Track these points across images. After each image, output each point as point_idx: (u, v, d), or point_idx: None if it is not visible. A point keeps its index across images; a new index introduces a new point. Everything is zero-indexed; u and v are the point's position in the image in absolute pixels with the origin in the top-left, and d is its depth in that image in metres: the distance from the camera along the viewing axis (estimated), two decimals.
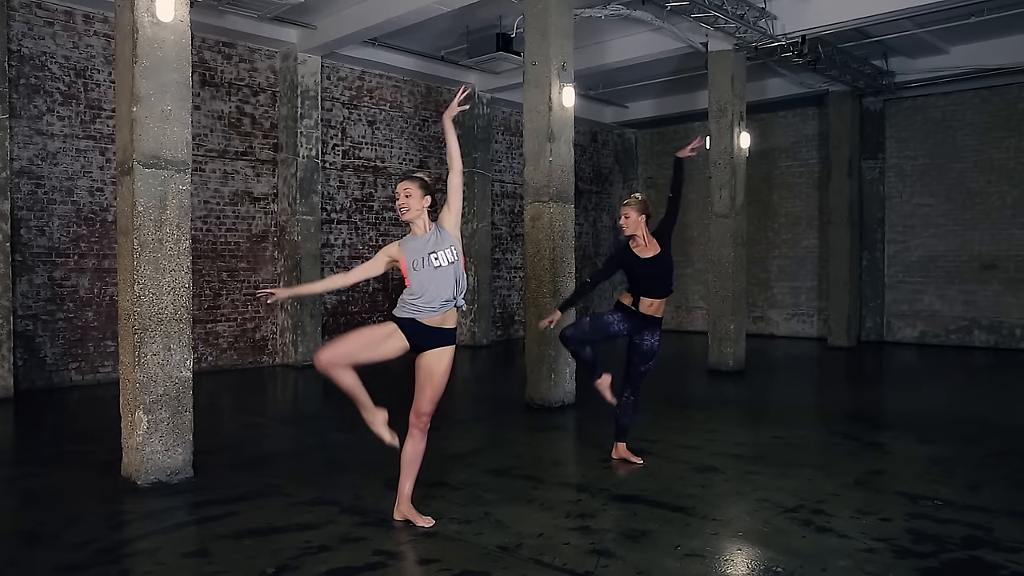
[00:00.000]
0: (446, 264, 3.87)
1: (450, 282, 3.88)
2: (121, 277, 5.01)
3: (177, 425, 4.93)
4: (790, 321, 14.53)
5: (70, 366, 8.76)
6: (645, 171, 16.70)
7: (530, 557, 3.61)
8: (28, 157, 8.42)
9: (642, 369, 5.27)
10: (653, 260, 5.15)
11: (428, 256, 3.86)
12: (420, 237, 3.95)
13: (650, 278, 5.15)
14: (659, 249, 5.17)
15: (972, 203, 12.49)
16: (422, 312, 3.87)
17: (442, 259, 3.87)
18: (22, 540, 3.95)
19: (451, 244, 3.92)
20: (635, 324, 5.20)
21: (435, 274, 3.86)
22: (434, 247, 3.89)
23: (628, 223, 5.14)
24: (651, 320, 5.20)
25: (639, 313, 5.17)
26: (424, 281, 3.85)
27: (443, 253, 3.88)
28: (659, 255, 5.16)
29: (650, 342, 5.23)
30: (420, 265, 3.86)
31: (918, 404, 7.74)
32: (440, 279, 3.86)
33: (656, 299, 5.17)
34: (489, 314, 13.37)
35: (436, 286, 3.85)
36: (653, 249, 5.18)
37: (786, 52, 9.84)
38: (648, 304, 5.16)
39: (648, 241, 5.19)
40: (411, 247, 3.93)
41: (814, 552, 3.66)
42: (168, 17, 4.88)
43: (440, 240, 3.92)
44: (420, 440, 4.02)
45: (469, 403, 8.18)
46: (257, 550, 3.72)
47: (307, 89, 10.59)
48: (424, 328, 3.90)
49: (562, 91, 7.51)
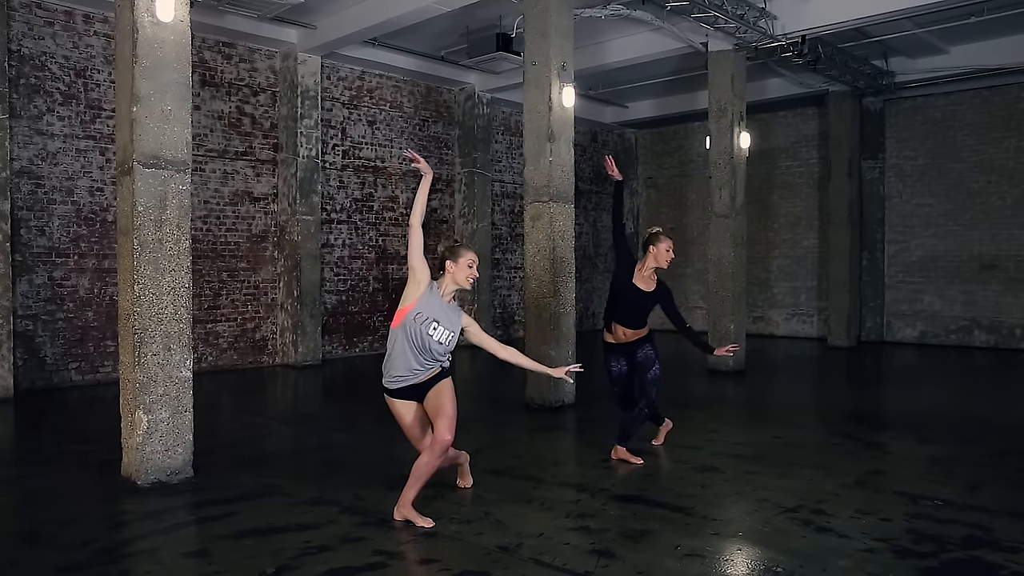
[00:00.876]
0: (436, 340, 4.00)
1: (434, 351, 4.03)
2: (121, 277, 5.01)
3: (177, 425, 4.93)
4: (790, 321, 14.53)
5: (70, 366, 8.76)
6: (645, 171, 16.70)
7: (530, 557, 3.61)
8: (28, 157, 8.42)
9: (648, 377, 5.33)
10: (642, 293, 5.33)
11: (431, 320, 3.99)
12: (441, 299, 4.09)
13: (630, 306, 5.35)
14: (654, 288, 5.35)
15: (972, 203, 12.49)
16: (411, 377, 4.07)
17: (440, 335, 4.01)
18: (22, 540, 3.95)
19: (455, 332, 4.07)
20: (627, 354, 5.41)
21: (426, 339, 3.98)
22: (442, 319, 4.01)
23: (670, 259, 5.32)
24: (636, 342, 5.38)
25: (618, 344, 5.40)
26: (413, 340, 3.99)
27: (444, 331, 4.01)
28: (651, 293, 5.34)
29: (643, 353, 5.36)
30: (421, 320, 3.98)
31: (918, 404, 7.74)
32: (429, 346, 4.00)
33: (628, 329, 5.37)
34: (489, 314, 13.37)
35: (423, 349, 4.00)
36: (650, 285, 5.35)
37: (786, 52, 9.84)
38: (622, 332, 5.37)
39: (651, 277, 5.37)
40: (430, 300, 4.04)
41: (814, 552, 3.66)
42: (168, 17, 4.88)
43: (453, 320, 4.07)
44: (437, 457, 4.03)
45: (469, 403, 8.17)
46: (257, 550, 3.72)
47: (307, 89, 10.59)
48: (419, 386, 4.11)
49: (562, 91, 7.51)
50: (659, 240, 5.31)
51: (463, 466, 4.74)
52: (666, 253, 5.28)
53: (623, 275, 5.37)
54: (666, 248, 5.28)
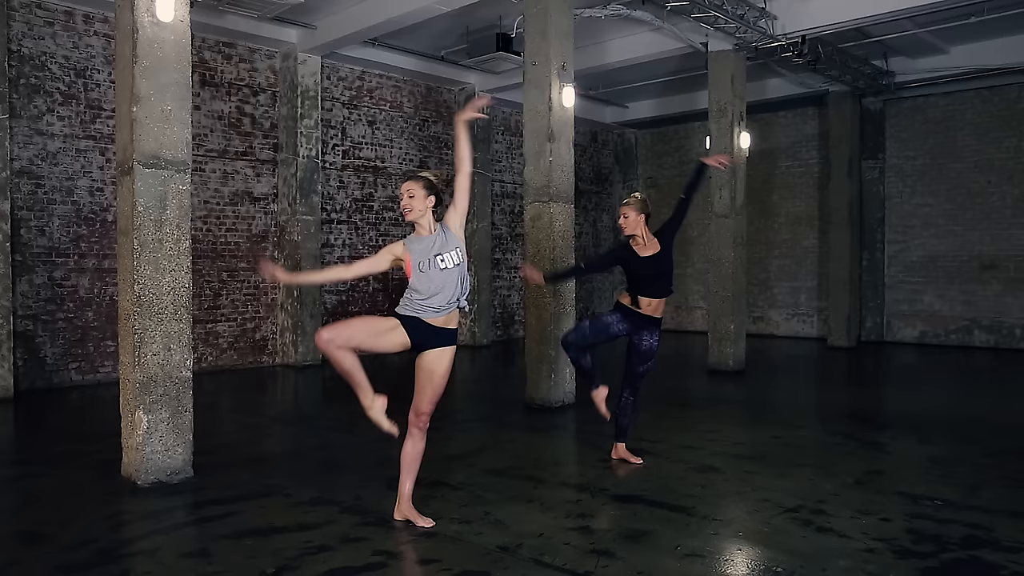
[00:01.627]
0: (451, 266, 3.84)
1: (455, 284, 3.86)
2: (121, 277, 5.01)
3: (177, 425, 4.93)
4: (790, 321, 14.53)
5: (70, 366, 8.76)
6: (645, 171, 16.70)
7: (530, 557, 3.61)
8: (28, 157, 8.42)
9: (640, 370, 5.24)
10: (652, 259, 5.11)
11: (434, 258, 3.84)
12: (426, 238, 3.91)
13: (648, 277, 5.11)
14: (659, 248, 5.14)
15: (972, 203, 12.49)
16: (426, 312, 3.85)
17: (448, 261, 3.84)
18: (22, 540, 3.95)
19: (456, 246, 3.90)
20: (634, 324, 5.17)
21: (441, 276, 3.83)
22: (440, 248, 3.87)
23: (627, 223, 5.11)
24: (650, 320, 5.16)
25: (638, 313, 5.14)
26: (430, 282, 3.83)
27: (449, 255, 3.85)
28: (658, 254, 5.12)
29: (649, 342, 5.19)
30: (427, 267, 3.84)
31: (918, 404, 7.74)
32: (446, 280, 3.83)
33: (655, 299, 5.13)
34: (489, 314, 13.37)
35: (441, 288, 3.84)
36: (653, 248, 5.14)
37: (786, 52, 9.84)
38: (647, 304, 5.12)
39: (648, 240, 5.16)
40: (417, 248, 3.89)
41: (814, 552, 3.66)
42: (168, 17, 4.88)
43: (446, 241, 3.89)
44: (420, 440, 4.02)
45: (469, 403, 8.18)
46: (257, 550, 3.72)
47: (307, 89, 10.59)
48: (427, 327, 3.88)
49: (562, 91, 7.50)
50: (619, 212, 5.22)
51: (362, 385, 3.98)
52: (621, 222, 5.14)
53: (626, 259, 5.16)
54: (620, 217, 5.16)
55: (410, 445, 4.01)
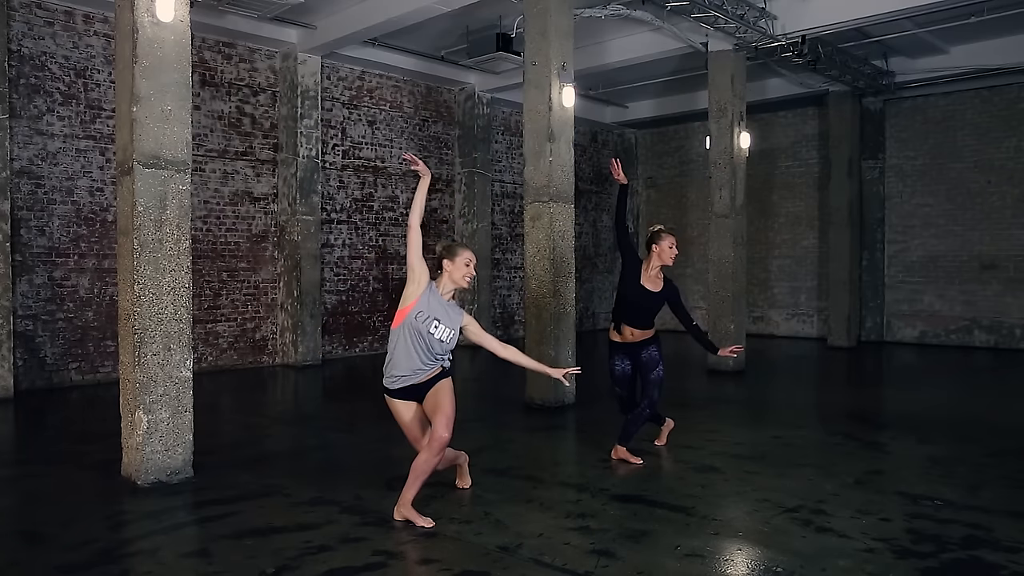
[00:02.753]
0: (437, 339, 4.02)
1: (434, 349, 4.05)
2: (121, 277, 5.01)
3: (177, 425, 4.93)
4: (790, 321, 14.53)
5: (70, 366, 8.76)
6: (645, 171, 16.70)
7: (530, 557, 3.61)
8: (28, 157, 8.42)
9: (651, 377, 5.32)
10: (648, 293, 5.27)
11: (432, 319, 4.00)
12: (442, 300, 4.10)
13: (634, 305, 5.30)
14: (660, 288, 5.29)
15: (972, 203, 12.49)
16: (413, 377, 4.07)
17: (441, 333, 4.02)
18: (22, 540, 3.95)
19: (455, 330, 4.08)
20: (630, 354, 5.38)
21: (427, 337, 4.00)
22: (443, 318, 4.03)
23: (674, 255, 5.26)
24: (640, 344, 5.34)
25: (626, 344, 5.34)
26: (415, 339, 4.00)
27: (445, 329, 4.03)
28: (656, 294, 5.28)
29: (648, 354, 5.34)
30: (422, 319, 3.99)
31: (918, 404, 7.73)
32: (430, 344, 4.02)
33: (636, 329, 5.32)
34: (489, 314, 13.36)
35: (425, 348, 4.02)
36: (656, 285, 5.29)
37: (786, 52, 9.84)
38: (629, 332, 5.33)
39: (658, 276, 5.32)
40: (429, 299, 4.05)
41: (814, 552, 3.66)
42: (168, 17, 4.88)
43: (453, 319, 4.08)
44: (436, 455, 4.02)
45: (469, 403, 8.17)
46: (257, 550, 3.72)
47: (307, 89, 10.59)
48: (419, 385, 4.11)
49: (562, 91, 7.50)
50: (661, 238, 5.27)
51: (462, 466, 4.74)
52: (669, 250, 5.24)
53: (630, 277, 5.31)
54: (669, 245, 5.25)
55: (424, 457, 4.03)
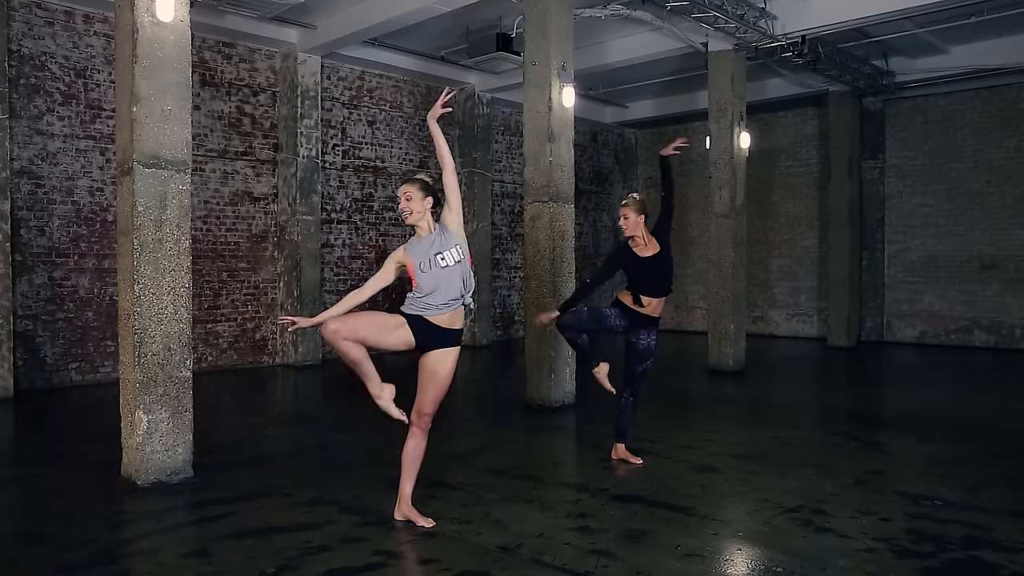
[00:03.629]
0: (452, 264, 3.88)
1: (457, 281, 3.90)
2: (121, 277, 5.01)
3: (177, 425, 4.93)
4: (790, 321, 14.53)
5: (70, 366, 8.76)
6: (645, 171, 16.70)
7: (530, 557, 3.61)
8: (28, 157, 8.42)
9: (639, 369, 5.27)
10: (652, 259, 5.16)
11: (435, 257, 3.87)
12: (425, 238, 3.96)
13: (649, 276, 5.16)
14: (659, 248, 5.19)
15: (972, 203, 12.49)
16: (431, 310, 3.89)
17: (448, 259, 3.87)
18: (22, 540, 3.95)
19: (456, 243, 3.93)
20: (632, 322, 5.21)
21: (442, 274, 3.86)
22: (440, 247, 3.90)
23: (628, 223, 5.15)
24: (649, 319, 5.22)
25: (637, 312, 5.18)
26: (432, 281, 3.86)
27: (448, 253, 3.89)
28: (658, 254, 5.18)
29: (646, 341, 5.24)
30: (427, 266, 3.87)
31: (918, 404, 7.73)
32: (448, 278, 3.87)
33: (655, 298, 5.18)
34: (489, 314, 13.36)
35: (444, 285, 3.87)
36: (652, 248, 5.19)
37: (786, 52, 9.83)
38: (647, 302, 5.17)
39: (647, 240, 5.21)
40: (417, 249, 3.93)
41: (814, 552, 3.66)
42: (168, 17, 4.88)
43: (445, 240, 3.93)
44: (421, 440, 4.02)
45: (469, 403, 8.18)
46: (257, 550, 3.72)
47: (307, 89, 10.59)
48: (432, 327, 3.92)
49: (562, 91, 7.50)
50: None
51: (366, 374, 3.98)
52: (620, 224, 5.19)
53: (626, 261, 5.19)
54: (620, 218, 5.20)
55: (411, 445, 4.02)
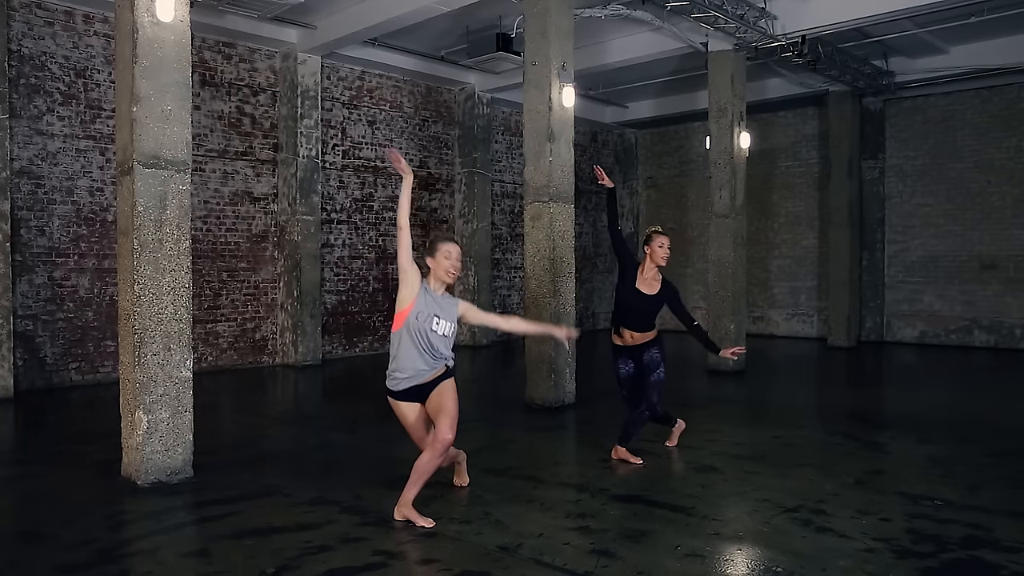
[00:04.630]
0: (440, 334, 4.04)
1: (437, 346, 4.05)
2: (121, 277, 5.01)
3: (177, 425, 4.93)
4: (790, 321, 14.53)
5: (70, 366, 8.76)
6: (645, 171, 16.70)
7: (530, 557, 3.61)
8: (28, 157, 8.42)
9: (652, 379, 5.31)
10: (644, 296, 5.25)
11: (432, 317, 4.01)
12: (436, 295, 4.10)
13: (631, 309, 5.28)
14: (657, 290, 5.27)
15: (972, 203, 12.49)
16: (413, 377, 4.07)
17: (441, 328, 4.04)
18: (22, 540, 3.95)
19: (454, 321, 4.11)
20: (633, 356, 5.36)
21: (430, 335, 4.01)
22: (441, 313, 4.04)
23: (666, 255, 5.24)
24: (642, 347, 5.32)
25: (627, 347, 5.33)
26: (417, 338, 4.00)
27: (445, 323, 4.05)
28: (653, 296, 5.26)
29: (649, 355, 5.33)
30: (423, 319, 3.99)
31: (918, 404, 7.73)
32: (433, 342, 4.03)
33: (636, 332, 5.31)
34: None
35: (427, 347, 4.02)
36: (653, 287, 5.27)
37: (786, 52, 9.84)
38: (629, 336, 5.32)
39: (655, 277, 5.29)
40: (426, 298, 4.05)
41: (814, 552, 3.66)
42: (168, 17, 4.88)
43: (450, 312, 4.10)
44: (438, 456, 4.04)
45: (469, 403, 8.15)
46: (257, 550, 3.72)
47: (307, 89, 10.59)
48: (423, 386, 4.11)
49: (562, 91, 7.51)
50: (653, 239, 5.28)
51: (460, 465, 4.76)
52: (659, 250, 5.23)
53: (626, 281, 5.31)
54: (659, 245, 5.24)
55: (427, 457, 4.04)
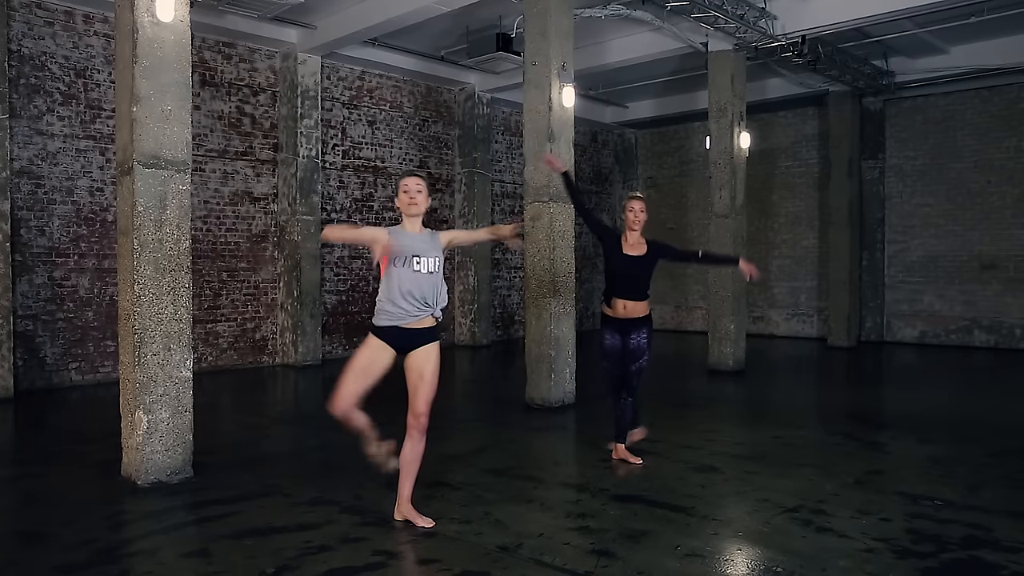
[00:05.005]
0: (425, 272, 3.88)
1: (428, 289, 3.90)
2: (121, 277, 5.01)
3: (177, 425, 4.93)
4: (790, 321, 14.53)
5: (70, 366, 8.76)
6: (645, 171, 16.70)
7: (530, 557, 3.61)
8: (28, 157, 8.42)
9: (633, 368, 5.22)
10: (634, 259, 5.16)
11: (411, 257, 3.86)
12: (410, 234, 3.96)
13: (623, 276, 5.19)
14: (645, 251, 5.18)
15: (972, 203, 12.49)
16: (396, 316, 3.89)
17: (423, 265, 3.87)
18: (22, 540, 3.95)
19: (438, 255, 3.95)
20: (620, 329, 5.24)
21: (412, 276, 3.86)
22: (420, 251, 3.89)
23: (637, 218, 5.13)
24: (632, 321, 5.21)
25: (617, 318, 5.21)
26: (399, 280, 3.86)
27: (427, 260, 3.88)
28: (642, 257, 5.17)
29: (636, 340, 5.20)
30: (400, 263, 3.85)
31: (918, 404, 7.74)
32: (417, 283, 3.86)
33: (628, 301, 5.18)
34: (489, 314, 13.36)
35: (411, 288, 3.86)
36: (639, 250, 5.18)
37: (786, 52, 9.84)
38: (622, 306, 5.19)
39: (639, 241, 5.21)
40: (399, 241, 3.87)
41: (814, 552, 3.66)
42: (168, 17, 4.88)
43: (430, 246, 3.94)
44: (419, 441, 4.02)
45: (469, 403, 8.19)
46: (257, 550, 3.72)
47: (307, 89, 10.59)
48: (404, 332, 3.92)
49: (562, 91, 7.51)
50: (626, 203, 5.21)
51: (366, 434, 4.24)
52: (629, 215, 5.13)
53: (612, 250, 5.21)
54: (628, 210, 5.14)
55: (409, 447, 4.02)
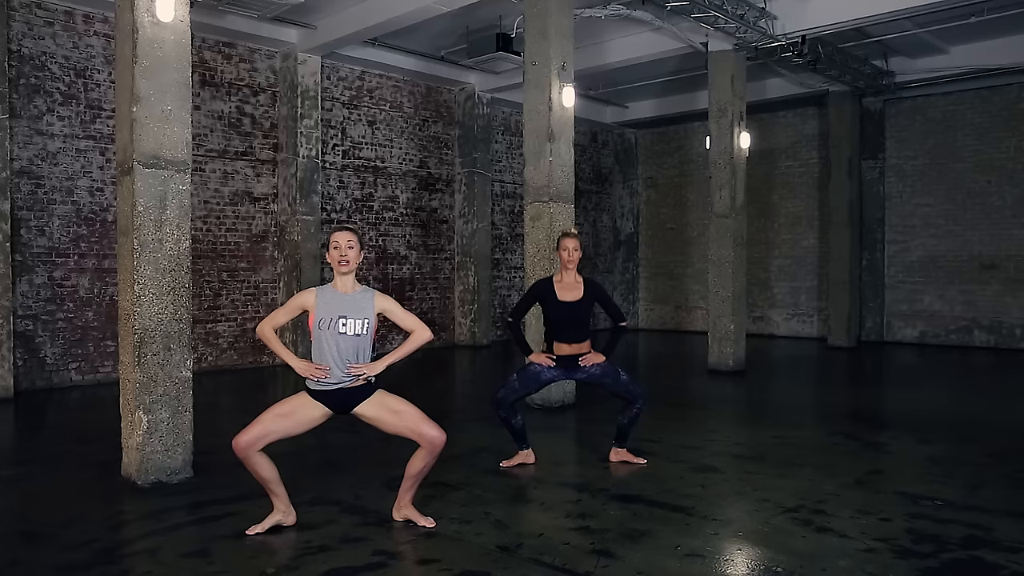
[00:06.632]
0: (350, 334, 3.71)
1: (347, 351, 3.73)
2: (121, 277, 5.01)
3: (177, 425, 4.93)
4: (790, 321, 14.53)
5: (70, 366, 8.76)
6: (645, 171, 16.70)
7: (530, 557, 3.61)
8: (28, 157, 8.42)
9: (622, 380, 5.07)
10: (569, 305, 4.93)
11: (337, 319, 3.71)
12: (340, 294, 3.80)
13: (561, 322, 4.96)
14: (582, 295, 4.95)
15: (972, 203, 12.49)
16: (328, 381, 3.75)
17: (349, 328, 3.70)
18: (22, 540, 3.95)
19: (367, 316, 3.76)
20: (564, 366, 5.02)
21: (336, 339, 3.70)
22: (347, 311, 3.73)
23: (573, 257, 4.89)
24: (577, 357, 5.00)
25: (563, 355, 4.99)
26: (326, 342, 3.71)
27: (353, 322, 3.71)
28: (578, 302, 4.94)
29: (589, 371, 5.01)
30: (326, 325, 3.70)
31: (918, 404, 7.73)
32: (343, 345, 3.72)
33: (569, 344, 4.97)
34: (489, 314, 13.35)
35: (336, 352, 3.71)
36: (574, 293, 4.95)
37: (786, 52, 9.83)
38: (566, 348, 4.98)
39: (575, 282, 4.98)
40: (326, 302, 3.75)
41: (814, 552, 3.66)
42: (168, 17, 4.88)
43: (359, 307, 3.76)
44: (433, 459, 3.91)
45: (469, 403, 8.18)
46: (257, 550, 3.72)
47: (307, 89, 10.59)
48: (341, 392, 3.78)
49: (562, 91, 7.50)
50: (560, 240, 4.97)
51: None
52: (563, 254, 4.89)
53: (545, 300, 4.98)
54: (563, 249, 4.90)
55: (419, 458, 3.92)
